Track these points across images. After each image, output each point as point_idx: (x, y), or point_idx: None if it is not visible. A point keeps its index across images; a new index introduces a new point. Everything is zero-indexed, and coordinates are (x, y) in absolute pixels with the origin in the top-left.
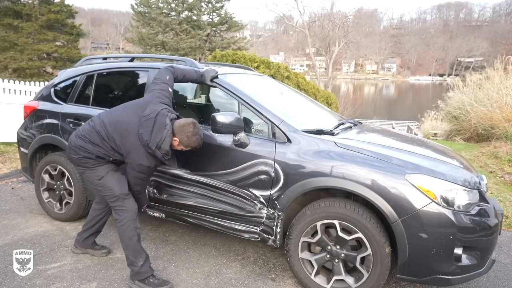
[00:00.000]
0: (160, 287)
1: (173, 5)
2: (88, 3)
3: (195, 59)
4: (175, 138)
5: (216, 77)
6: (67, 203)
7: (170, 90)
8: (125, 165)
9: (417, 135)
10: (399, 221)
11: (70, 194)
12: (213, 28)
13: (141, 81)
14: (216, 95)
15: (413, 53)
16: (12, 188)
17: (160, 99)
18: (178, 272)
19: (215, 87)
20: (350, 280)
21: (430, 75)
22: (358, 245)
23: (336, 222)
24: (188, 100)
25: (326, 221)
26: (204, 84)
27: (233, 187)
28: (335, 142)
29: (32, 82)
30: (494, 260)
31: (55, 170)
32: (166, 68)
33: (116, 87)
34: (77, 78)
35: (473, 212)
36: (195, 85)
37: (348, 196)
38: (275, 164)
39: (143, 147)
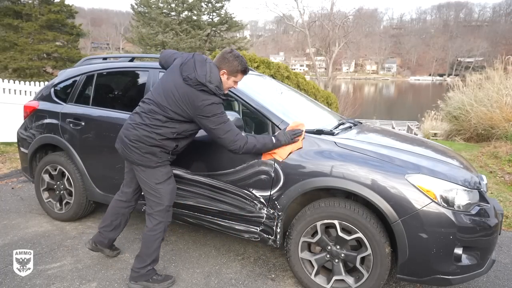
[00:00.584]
0: (163, 282)
1: (173, 5)
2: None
3: None
4: (222, 70)
5: None
6: (67, 203)
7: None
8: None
9: (417, 135)
10: (399, 221)
11: (70, 194)
12: (213, 28)
13: (141, 81)
14: None
15: (413, 53)
16: (12, 188)
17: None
18: (178, 272)
19: None
20: (350, 280)
21: (430, 75)
22: (358, 245)
23: (336, 222)
24: None
25: (326, 221)
26: None
27: (233, 187)
28: (335, 142)
29: (32, 82)
30: (494, 260)
31: (55, 170)
32: (169, 50)
33: (116, 87)
34: (77, 78)
35: (473, 212)
36: None
37: (348, 196)
38: (275, 164)
39: (196, 87)
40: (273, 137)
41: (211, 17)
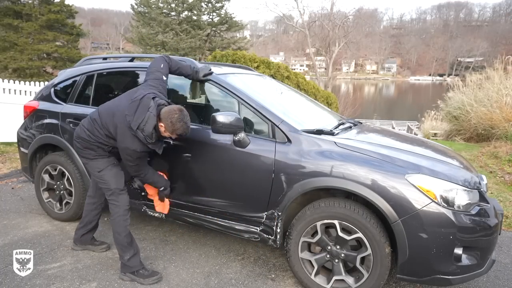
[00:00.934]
0: (149, 277)
1: (173, 5)
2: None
3: (195, 59)
4: (161, 124)
5: (210, 74)
6: (67, 203)
7: (165, 78)
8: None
9: (417, 135)
10: (399, 221)
11: (70, 194)
12: (213, 28)
13: (141, 81)
14: (216, 95)
15: (413, 53)
16: (12, 188)
17: (153, 88)
18: (178, 272)
19: (207, 82)
20: (350, 280)
21: (430, 75)
22: (358, 245)
23: (336, 222)
24: (188, 100)
25: (326, 221)
26: (197, 80)
27: (233, 187)
28: (335, 142)
29: (32, 82)
30: (494, 260)
31: (55, 170)
32: (161, 57)
33: (116, 87)
34: (77, 78)
35: (473, 212)
36: (194, 85)
37: (348, 196)
38: (275, 164)
39: (128, 129)
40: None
41: (211, 17)
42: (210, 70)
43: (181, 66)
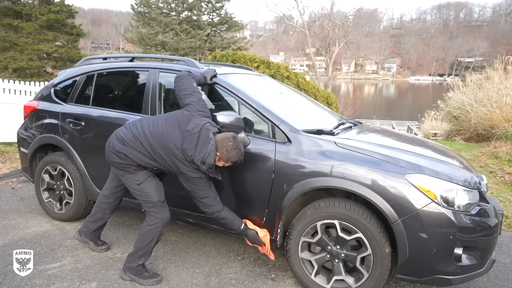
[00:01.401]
0: (150, 279)
1: (173, 5)
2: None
3: (195, 59)
4: (217, 153)
5: (215, 76)
6: (67, 203)
7: (204, 97)
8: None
9: (417, 135)
10: (399, 221)
11: (70, 194)
12: (213, 28)
13: (141, 81)
14: (216, 95)
15: (413, 53)
16: (12, 188)
17: (201, 112)
18: (178, 272)
19: (215, 85)
20: (350, 280)
21: (430, 75)
22: (358, 245)
23: (336, 222)
24: None
25: (326, 221)
26: (205, 85)
27: (233, 187)
28: (335, 142)
29: (32, 82)
30: (494, 260)
31: (55, 170)
32: (188, 75)
33: (116, 87)
34: (77, 78)
35: (473, 212)
36: None
37: (348, 196)
38: (275, 164)
39: (189, 162)
40: (243, 226)
41: (211, 17)
42: (215, 71)
43: (197, 77)
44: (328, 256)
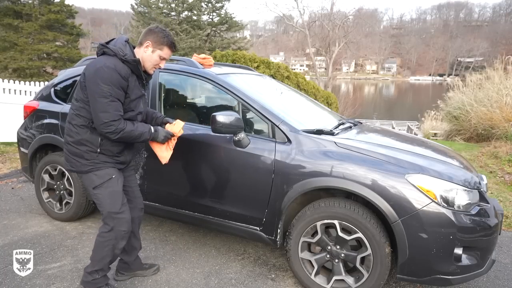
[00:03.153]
0: None
1: (173, 5)
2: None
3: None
4: (146, 43)
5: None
6: (67, 203)
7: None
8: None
9: (417, 135)
10: (399, 221)
11: (70, 194)
12: (213, 28)
13: None
14: (216, 95)
15: (413, 53)
16: (12, 188)
17: None
18: (178, 272)
19: (215, 85)
20: (350, 280)
21: (430, 75)
22: (358, 245)
23: (336, 222)
24: (188, 100)
25: (326, 221)
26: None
27: (233, 187)
28: (335, 142)
29: (32, 82)
30: (494, 260)
31: (55, 170)
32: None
33: None
34: (77, 78)
35: (473, 212)
36: (195, 85)
37: (348, 196)
38: (275, 164)
39: (104, 60)
40: (152, 128)
41: (211, 17)
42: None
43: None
44: (328, 256)
